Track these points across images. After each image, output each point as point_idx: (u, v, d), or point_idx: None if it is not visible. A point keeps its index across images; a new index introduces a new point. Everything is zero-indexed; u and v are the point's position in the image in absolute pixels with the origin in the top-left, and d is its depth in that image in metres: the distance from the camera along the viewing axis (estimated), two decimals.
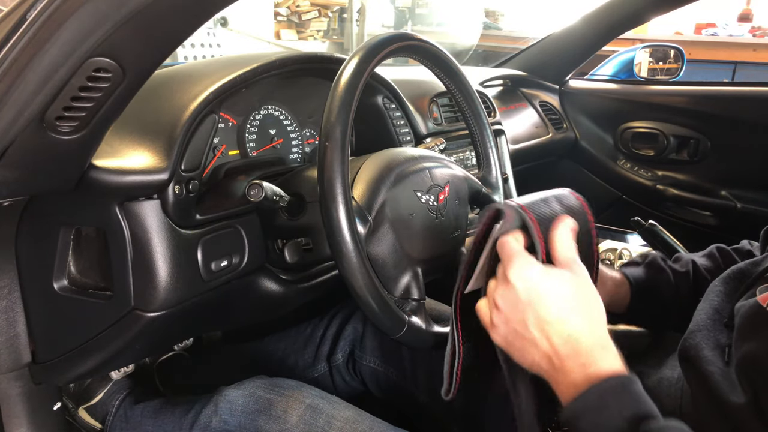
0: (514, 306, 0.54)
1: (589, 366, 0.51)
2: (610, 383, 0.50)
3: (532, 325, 0.53)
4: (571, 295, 0.54)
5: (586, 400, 0.49)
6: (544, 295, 0.53)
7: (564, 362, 0.52)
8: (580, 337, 0.52)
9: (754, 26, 4.16)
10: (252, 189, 0.72)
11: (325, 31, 4.80)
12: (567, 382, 0.52)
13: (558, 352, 0.52)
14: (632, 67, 1.83)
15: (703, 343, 0.61)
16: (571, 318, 0.53)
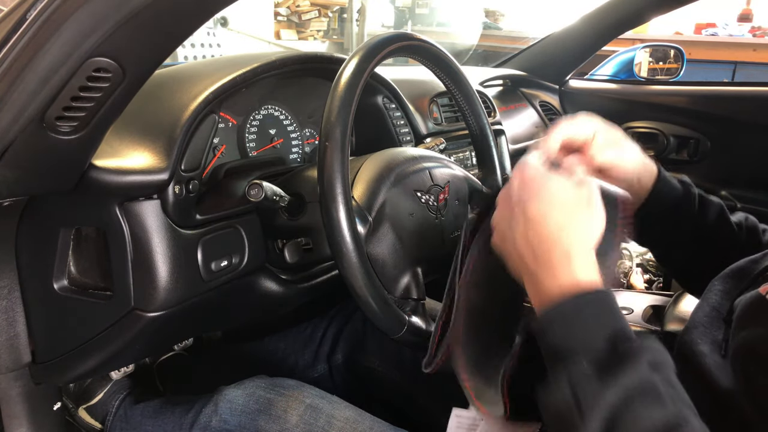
0: (508, 200, 0.54)
1: (565, 272, 0.49)
2: (588, 295, 0.48)
3: (517, 221, 0.53)
4: (566, 200, 0.52)
5: (561, 309, 0.48)
6: (537, 191, 0.53)
7: (540, 265, 0.51)
8: (563, 241, 0.50)
9: (754, 26, 4.16)
10: (252, 189, 0.72)
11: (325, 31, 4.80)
12: (542, 288, 0.50)
13: (536, 252, 0.51)
14: (632, 67, 1.83)
15: (699, 339, 0.61)
16: (559, 220, 0.51)
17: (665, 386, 0.45)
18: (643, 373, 0.44)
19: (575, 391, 0.44)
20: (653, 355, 0.46)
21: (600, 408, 0.42)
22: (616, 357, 0.45)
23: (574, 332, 0.47)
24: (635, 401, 0.43)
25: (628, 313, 1.11)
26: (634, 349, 0.46)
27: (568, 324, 0.48)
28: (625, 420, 0.42)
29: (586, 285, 0.49)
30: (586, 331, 0.47)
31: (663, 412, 0.42)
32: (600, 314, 0.48)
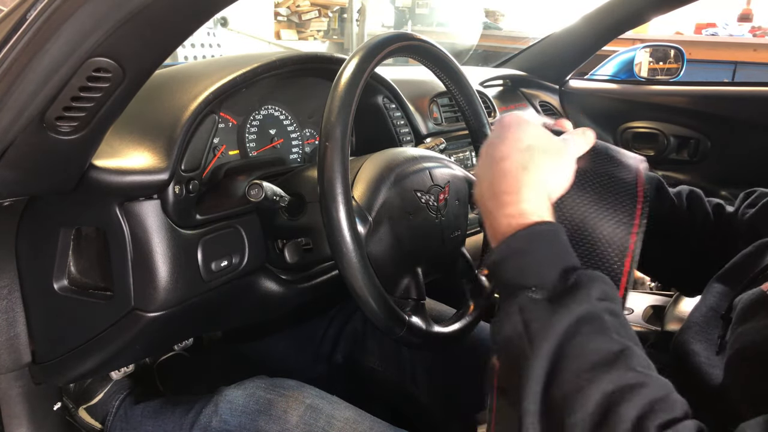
0: (488, 143, 0.56)
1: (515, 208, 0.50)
2: (539, 228, 0.49)
3: (485, 164, 0.54)
4: (534, 144, 0.53)
5: (514, 242, 0.49)
6: (507, 134, 0.54)
7: (494, 202, 0.52)
8: (519, 179, 0.51)
9: (754, 26, 4.16)
10: (252, 189, 0.72)
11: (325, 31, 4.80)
12: (495, 225, 0.51)
13: (493, 190, 0.52)
14: (632, 67, 1.83)
15: (692, 338, 0.61)
16: (520, 160, 0.52)
17: (612, 318, 0.45)
18: (591, 304, 0.45)
19: (525, 320, 0.45)
20: (602, 288, 0.47)
21: (549, 336, 0.43)
22: (566, 288, 0.46)
23: (525, 265, 0.48)
24: (582, 330, 0.44)
25: (629, 313, 1.11)
26: (583, 280, 0.46)
27: (518, 257, 0.48)
28: (572, 348, 0.43)
29: (536, 219, 0.50)
30: (536, 264, 0.47)
31: (608, 342, 0.43)
32: (549, 247, 0.49)
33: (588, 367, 0.42)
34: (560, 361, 0.43)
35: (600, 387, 0.41)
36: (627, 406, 0.40)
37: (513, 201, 0.50)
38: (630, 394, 0.40)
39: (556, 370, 0.43)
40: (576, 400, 0.41)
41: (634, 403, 0.40)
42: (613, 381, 0.41)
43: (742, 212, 0.75)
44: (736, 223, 0.74)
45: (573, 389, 0.41)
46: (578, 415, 0.40)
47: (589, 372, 0.42)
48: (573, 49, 1.76)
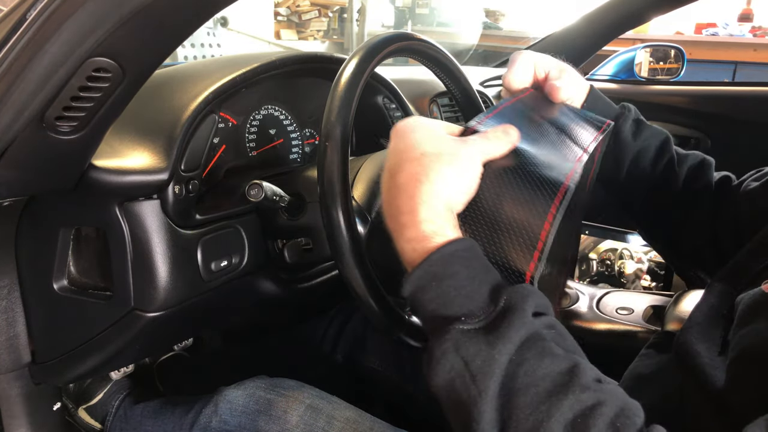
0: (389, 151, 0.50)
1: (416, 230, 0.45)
2: (451, 248, 0.44)
3: (384, 174, 0.49)
4: (433, 154, 0.47)
5: (428, 269, 0.43)
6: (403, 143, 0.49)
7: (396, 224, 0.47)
8: (413, 194, 0.46)
9: (754, 26, 4.16)
10: (252, 189, 0.72)
11: (325, 31, 4.80)
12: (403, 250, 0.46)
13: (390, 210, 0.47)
14: (632, 67, 1.82)
15: (694, 337, 0.61)
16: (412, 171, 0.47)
17: (552, 332, 0.43)
18: (530, 325, 0.41)
19: (464, 358, 0.40)
20: (535, 302, 0.43)
21: (494, 371, 0.40)
22: (499, 312, 0.42)
23: (446, 293, 0.42)
24: (527, 356, 0.40)
25: (629, 313, 1.11)
26: (515, 299, 0.42)
27: (437, 285, 0.43)
28: (520, 379, 0.40)
29: (441, 240, 0.44)
30: (459, 290, 0.42)
31: (556, 362, 0.40)
32: (468, 268, 0.43)
33: (543, 397, 0.39)
34: (512, 397, 0.39)
35: (560, 418, 0.38)
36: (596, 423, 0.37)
37: (412, 222, 0.45)
38: (593, 418, 0.38)
39: (509, 408, 0.39)
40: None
41: (599, 427, 0.37)
42: (572, 407, 0.38)
43: (746, 185, 0.74)
44: (738, 195, 0.74)
45: (532, 426, 0.38)
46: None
47: (545, 403, 0.39)
48: (573, 49, 1.76)
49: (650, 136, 0.76)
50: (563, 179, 0.51)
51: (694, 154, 0.78)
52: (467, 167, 0.49)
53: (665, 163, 0.75)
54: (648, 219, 0.81)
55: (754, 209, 0.69)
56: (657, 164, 0.75)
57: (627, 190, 0.78)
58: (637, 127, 0.76)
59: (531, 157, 0.53)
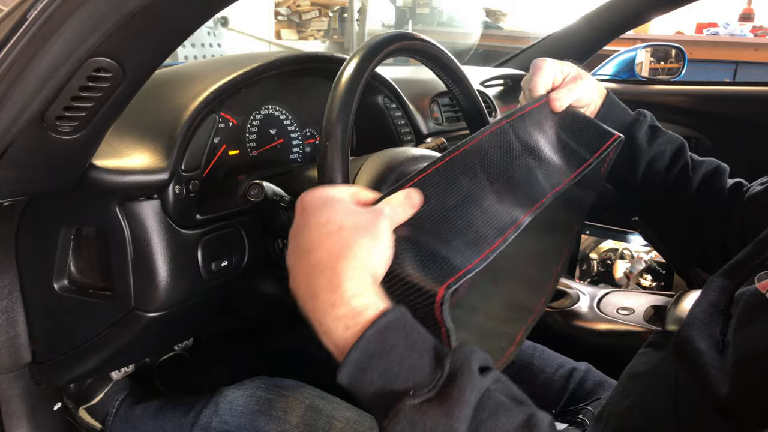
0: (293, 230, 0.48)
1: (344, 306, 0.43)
2: (385, 320, 0.42)
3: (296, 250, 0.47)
4: (350, 227, 0.46)
5: (366, 347, 0.41)
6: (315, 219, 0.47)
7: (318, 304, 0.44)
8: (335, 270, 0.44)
9: (755, 26, 4.15)
10: (252, 189, 0.72)
11: (326, 30, 4.80)
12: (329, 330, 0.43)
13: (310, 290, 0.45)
14: (633, 67, 1.82)
15: (696, 335, 0.61)
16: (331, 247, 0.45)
17: (500, 386, 0.42)
18: (479, 384, 0.41)
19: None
20: (479, 359, 0.42)
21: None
22: (447, 377, 0.40)
23: (390, 368, 0.41)
24: (483, 416, 0.40)
25: (629, 313, 1.11)
26: (459, 360, 0.41)
27: (380, 361, 0.41)
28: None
29: (373, 312, 0.43)
30: (402, 362, 0.41)
31: (512, 417, 0.40)
32: (406, 338, 0.42)
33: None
34: None
35: None
36: None
37: (340, 300, 0.43)
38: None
39: None
40: None
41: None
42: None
43: (752, 189, 0.75)
44: (745, 200, 0.74)
45: None
46: None
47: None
48: (573, 49, 1.76)
49: (665, 141, 0.77)
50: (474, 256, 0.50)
51: (709, 161, 0.78)
52: (383, 236, 0.47)
53: (679, 169, 0.76)
54: (659, 222, 0.82)
55: (758, 214, 0.70)
56: (671, 170, 0.76)
57: (640, 194, 0.79)
58: (652, 133, 0.77)
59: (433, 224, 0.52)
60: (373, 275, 0.46)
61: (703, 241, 0.77)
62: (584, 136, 0.68)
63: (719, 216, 0.75)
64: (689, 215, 0.77)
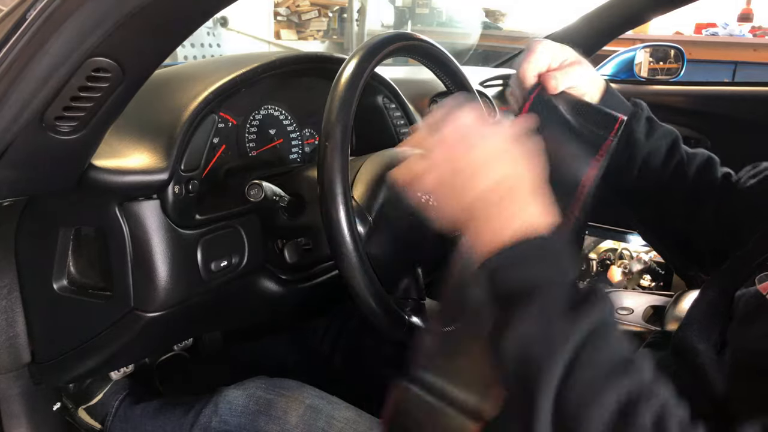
0: (442, 149, 0.53)
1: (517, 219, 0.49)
2: (537, 241, 0.48)
3: (458, 170, 0.52)
4: (502, 143, 0.53)
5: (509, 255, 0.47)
6: (473, 140, 0.52)
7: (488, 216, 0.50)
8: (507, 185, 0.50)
9: (754, 26, 4.16)
10: (252, 189, 0.72)
11: (325, 31, 4.79)
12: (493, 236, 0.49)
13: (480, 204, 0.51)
14: (632, 67, 1.82)
15: (694, 335, 0.61)
16: (500, 166, 0.51)
17: (616, 330, 0.47)
18: (603, 312, 0.46)
19: (544, 329, 0.44)
20: (611, 302, 0.47)
21: (567, 345, 0.43)
22: (580, 295, 0.46)
23: (536, 272, 0.47)
24: (595, 339, 0.44)
25: (629, 313, 1.11)
26: (595, 293, 0.46)
27: (529, 266, 0.47)
28: (585, 357, 0.43)
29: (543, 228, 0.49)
30: (549, 270, 0.47)
31: (618, 350, 0.44)
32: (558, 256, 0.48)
33: (602, 374, 0.43)
34: (575, 369, 0.43)
35: (615, 392, 0.42)
36: (643, 410, 0.41)
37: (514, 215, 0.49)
38: (646, 399, 0.42)
39: (571, 377, 0.43)
40: (591, 407, 0.41)
41: (650, 407, 0.41)
42: (626, 387, 0.42)
43: (743, 182, 0.75)
44: (736, 192, 0.74)
45: (588, 396, 0.42)
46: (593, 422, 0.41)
47: (603, 379, 0.42)
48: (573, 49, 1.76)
49: (662, 136, 0.76)
50: None
51: (701, 153, 0.78)
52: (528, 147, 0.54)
53: (675, 163, 0.76)
54: (654, 218, 0.82)
55: (751, 207, 0.70)
56: (667, 165, 0.76)
57: (635, 189, 0.78)
58: (650, 126, 0.76)
59: None
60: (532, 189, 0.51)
61: (698, 235, 0.76)
62: (591, 118, 0.68)
63: (713, 208, 0.74)
64: (684, 208, 0.76)
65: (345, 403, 0.81)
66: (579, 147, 0.66)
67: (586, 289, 0.47)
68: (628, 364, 0.44)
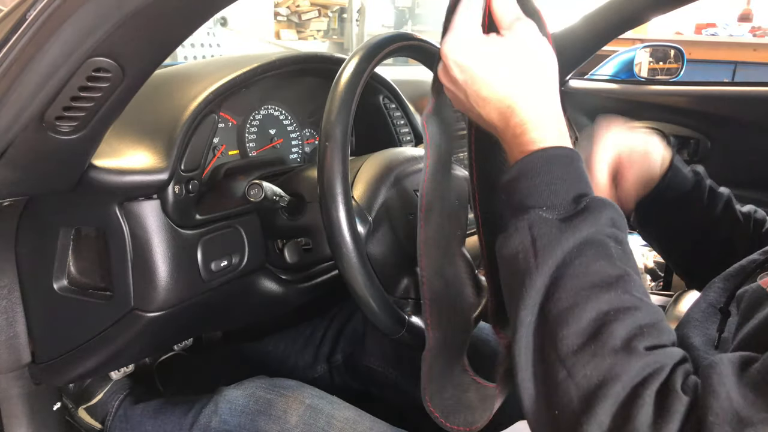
0: (454, 84, 0.55)
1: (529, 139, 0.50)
2: (554, 152, 0.49)
3: (474, 102, 0.54)
4: (510, 65, 0.52)
5: (529, 164, 0.49)
6: (478, 72, 0.52)
7: (506, 134, 0.52)
8: (520, 110, 0.51)
9: (754, 26, 4.16)
10: (252, 189, 0.72)
11: (325, 31, 4.79)
12: (510, 147, 0.52)
13: (499, 127, 0.52)
14: (632, 67, 1.82)
15: (691, 332, 0.61)
16: (510, 91, 0.52)
17: (616, 245, 0.46)
18: (598, 229, 0.46)
19: (533, 236, 0.46)
20: (611, 215, 0.47)
21: (554, 252, 0.44)
22: (577, 210, 0.46)
23: (538, 185, 0.48)
24: (586, 252, 0.45)
25: None
26: (594, 205, 0.47)
27: (532, 178, 0.48)
28: (574, 267, 0.44)
29: (551, 143, 0.50)
30: (549, 185, 0.48)
31: (610, 266, 0.45)
32: (564, 171, 0.49)
33: (587, 286, 0.43)
34: (561, 278, 0.44)
35: (595, 305, 0.42)
36: (618, 325, 0.41)
37: (529, 138, 0.50)
38: (623, 315, 0.42)
39: (555, 286, 0.44)
40: (571, 315, 0.42)
41: (626, 324, 0.42)
42: (608, 302, 0.43)
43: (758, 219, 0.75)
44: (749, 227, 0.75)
45: (569, 305, 0.43)
46: (571, 328, 0.42)
47: (587, 290, 0.43)
48: (573, 49, 1.76)
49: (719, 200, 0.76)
50: None
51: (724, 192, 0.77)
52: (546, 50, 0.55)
53: (730, 223, 0.76)
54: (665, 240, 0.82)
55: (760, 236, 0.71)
56: (723, 226, 0.75)
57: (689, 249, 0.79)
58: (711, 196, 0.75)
59: None
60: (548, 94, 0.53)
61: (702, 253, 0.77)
62: None
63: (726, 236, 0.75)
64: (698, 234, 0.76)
65: (345, 403, 0.81)
66: None
67: (586, 202, 0.47)
68: (616, 279, 0.44)
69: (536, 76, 0.53)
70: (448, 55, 0.53)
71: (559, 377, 0.42)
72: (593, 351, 0.41)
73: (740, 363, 0.41)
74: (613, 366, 0.40)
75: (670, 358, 0.41)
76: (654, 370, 0.40)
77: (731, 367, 0.40)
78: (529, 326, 0.44)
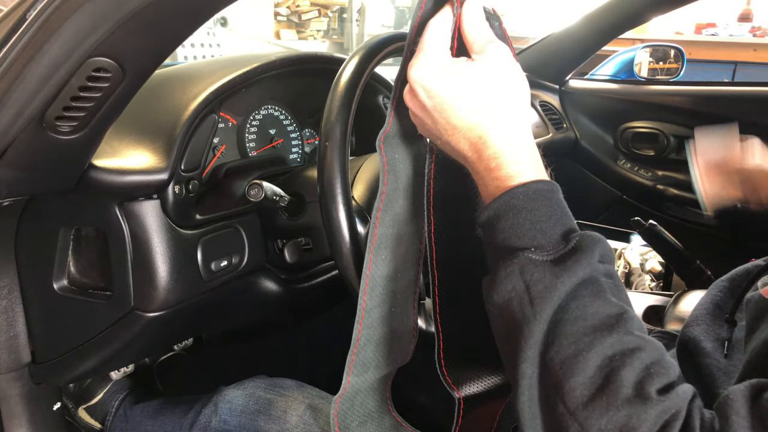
0: (422, 110, 0.51)
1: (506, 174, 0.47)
2: (536, 186, 0.46)
3: (442, 129, 0.50)
4: (482, 91, 0.49)
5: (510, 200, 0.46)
6: (448, 99, 0.49)
7: (479, 166, 0.48)
8: (493, 142, 0.48)
9: (754, 26, 4.16)
10: (252, 189, 0.72)
11: (325, 31, 4.79)
12: (484, 184, 0.49)
13: (470, 158, 0.49)
14: (632, 67, 1.82)
15: (702, 335, 0.61)
16: (481, 119, 0.48)
17: (609, 281, 0.45)
18: (593, 266, 0.44)
19: (527, 282, 0.43)
20: (602, 251, 0.46)
21: (552, 298, 0.42)
22: (568, 250, 0.44)
23: (523, 224, 0.45)
24: (582, 293, 0.43)
25: None
26: (585, 242, 0.45)
27: (516, 216, 0.45)
28: (571, 311, 0.42)
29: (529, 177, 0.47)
30: (536, 223, 0.45)
31: (607, 305, 0.43)
32: (548, 207, 0.46)
33: (588, 330, 0.42)
34: (559, 324, 0.42)
35: (600, 351, 0.41)
36: (627, 370, 0.40)
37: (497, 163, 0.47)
38: (629, 359, 0.40)
39: (555, 333, 0.42)
40: (575, 364, 0.41)
41: (634, 367, 0.40)
42: (612, 345, 0.41)
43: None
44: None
45: (572, 352, 0.41)
46: (578, 379, 0.40)
47: (589, 335, 0.41)
48: (573, 49, 1.76)
49: None
50: None
51: None
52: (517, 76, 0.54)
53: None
54: None
55: None
56: None
57: None
58: None
59: None
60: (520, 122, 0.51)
61: None
62: None
63: None
64: None
65: None
66: None
67: (576, 239, 0.45)
68: (616, 319, 0.42)
69: (509, 104, 0.50)
70: (416, 80, 0.50)
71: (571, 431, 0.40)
72: (606, 402, 0.39)
73: (752, 395, 0.40)
74: (630, 417, 0.39)
75: (683, 400, 0.40)
76: (671, 416, 0.39)
77: (745, 403, 0.39)
78: (532, 378, 0.42)
